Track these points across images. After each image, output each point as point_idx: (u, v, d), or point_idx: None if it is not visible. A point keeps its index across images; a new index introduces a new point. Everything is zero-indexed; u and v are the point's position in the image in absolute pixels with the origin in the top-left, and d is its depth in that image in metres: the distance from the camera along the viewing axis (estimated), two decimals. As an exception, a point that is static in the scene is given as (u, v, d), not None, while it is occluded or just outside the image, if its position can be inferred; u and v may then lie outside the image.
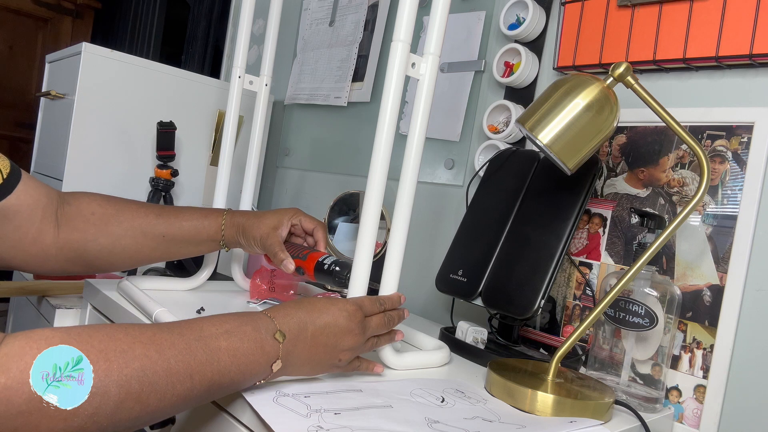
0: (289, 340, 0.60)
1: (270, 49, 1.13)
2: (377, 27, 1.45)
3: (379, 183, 0.70)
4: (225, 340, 0.56)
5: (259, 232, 0.85)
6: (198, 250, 0.89)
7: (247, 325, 0.58)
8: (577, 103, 0.74)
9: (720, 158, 0.85)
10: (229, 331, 0.57)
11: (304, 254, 0.84)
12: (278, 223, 0.86)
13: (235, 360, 0.55)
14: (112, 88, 1.36)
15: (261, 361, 0.58)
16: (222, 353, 0.55)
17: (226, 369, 0.55)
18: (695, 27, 0.87)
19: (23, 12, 2.77)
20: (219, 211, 0.89)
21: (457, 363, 0.86)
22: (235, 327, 0.57)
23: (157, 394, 0.50)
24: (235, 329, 0.57)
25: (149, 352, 0.50)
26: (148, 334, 0.52)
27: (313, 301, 0.65)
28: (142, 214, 0.84)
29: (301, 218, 0.89)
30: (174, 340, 0.53)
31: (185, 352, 0.52)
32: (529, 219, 0.92)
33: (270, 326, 0.59)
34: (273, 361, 0.59)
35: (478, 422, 0.62)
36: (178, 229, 0.85)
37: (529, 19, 1.06)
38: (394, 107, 0.69)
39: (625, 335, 0.82)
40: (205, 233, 0.86)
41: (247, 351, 0.57)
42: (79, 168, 1.33)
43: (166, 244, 0.85)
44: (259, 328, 0.59)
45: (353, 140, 1.49)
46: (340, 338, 0.64)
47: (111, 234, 0.82)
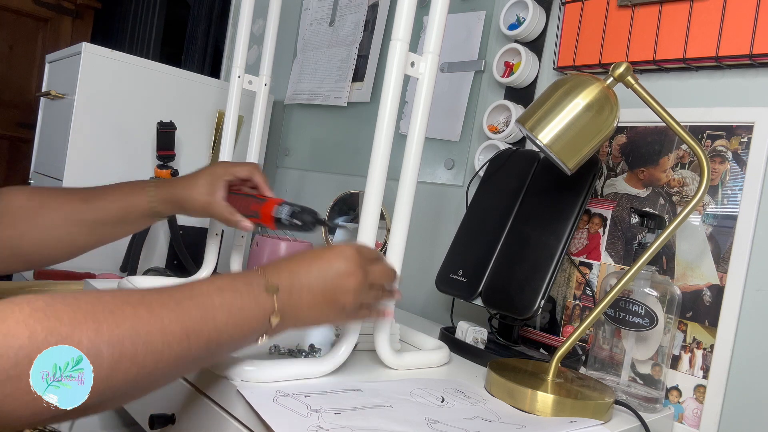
0: (284, 291, 0.58)
1: (270, 49, 1.13)
2: (377, 27, 1.45)
3: (378, 183, 0.70)
4: (218, 297, 0.54)
5: (198, 203, 0.82)
6: (134, 228, 0.87)
7: (238, 281, 0.57)
8: (577, 103, 0.74)
9: (720, 158, 0.85)
10: (221, 287, 0.55)
11: (254, 210, 0.82)
12: (212, 187, 0.83)
13: (231, 315, 0.54)
14: (112, 88, 1.36)
15: (258, 315, 0.56)
16: (217, 310, 0.53)
17: (223, 325, 0.53)
18: (695, 27, 0.87)
19: (23, 12, 2.77)
20: (142, 184, 0.85)
21: (457, 363, 0.86)
22: (226, 284, 0.56)
23: (153, 355, 0.48)
24: (226, 286, 0.55)
25: (140, 311, 0.48)
26: (136, 296, 0.50)
27: (307, 252, 0.63)
28: (68, 201, 0.81)
29: (233, 170, 0.86)
30: (164, 300, 0.51)
31: (178, 310, 0.51)
32: (529, 219, 0.92)
33: (261, 281, 0.58)
34: (270, 314, 0.57)
35: (478, 422, 0.62)
36: (106, 212, 0.82)
37: (529, 19, 1.06)
38: (393, 107, 0.69)
39: (625, 335, 0.82)
40: (135, 211, 0.83)
41: (243, 305, 0.55)
42: (79, 168, 1.33)
43: (98, 228, 0.82)
44: (251, 282, 0.57)
45: (353, 140, 1.49)
46: (340, 281, 0.61)
47: (41, 227, 0.78)
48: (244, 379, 0.62)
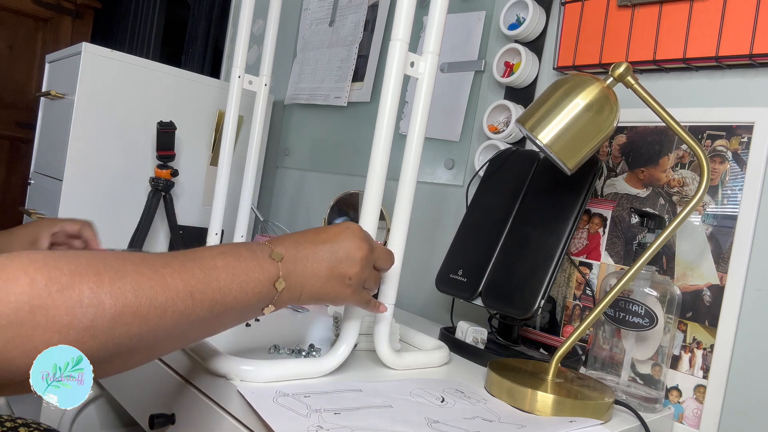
0: (288, 260, 0.58)
1: (270, 49, 1.13)
2: (377, 27, 1.45)
3: (378, 183, 0.70)
4: (221, 260, 0.54)
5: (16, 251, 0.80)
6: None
7: (241, 247, 0.57)
8: (577, 103, 0.74)
9: (720, 158, 0.85)
10: (224, 251, 0.55)
11: None
12: (36, 236, 0.80)
13: (235, 278, 0.54)
14: (112, 88, 1.36)
15: (262, 279, 0.56)
16: (220, 271, 0.53)
17: (227, 287, 0.53)
18: (695, 27, 0.87)
19: (23, 12, 2.76)
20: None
21: (457, 363, 0.86)
22: (229, 249, 0.56)
23: (156, 310, 0.47)
24: (229, 250, 0.55)
25: (141, 269, 0.48)
26: (137, 257, 0.49)
27: (312, 229, 0.64)
28: None
29: (62, 225, 0.83)
30: (167, 260, 0.51)
31: (181, 270, 0.50)
32: (529, 219, 0.92)
33: (265, 249, 0.58)
34: (275, 279, 0.57)
35: (478, 422, 0.62)
36: None
37: (529, 19, 1.06)
38: (393, 106, 0.69)
39: (625, 335, 0.82)
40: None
41: (246, 269, 0.55)
42: (79, 168, 1.33)
43: None
44: (254, 249, 0.57)
45: (353, 140, 1.49)
46: (347, 252, 0.61)
47: None
48: (244, 379, 0.62)
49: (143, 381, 0.80)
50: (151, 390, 0.78)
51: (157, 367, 0.77)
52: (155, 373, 0.77)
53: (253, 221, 1.61)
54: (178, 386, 0.72)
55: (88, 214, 1.35)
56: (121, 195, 1.39)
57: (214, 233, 1.10)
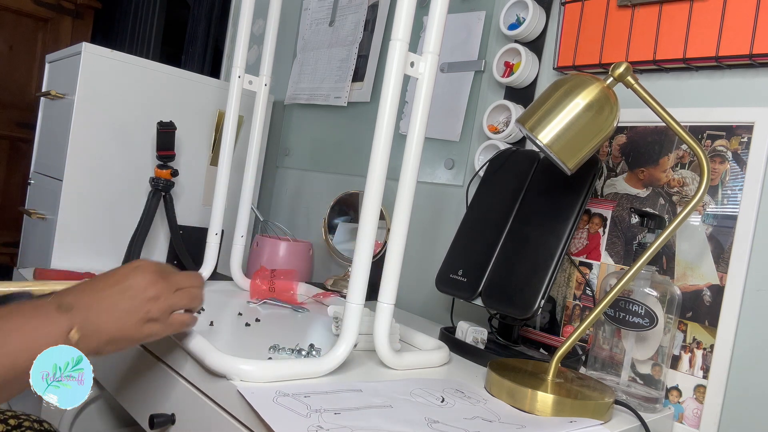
0: (79, 308, 0.57)
1: (270, 49, 1.13)
2: (377, 27, 1.45)
3: (378, 183, 0.70)
4: (7, 322, 0.53)
5: None
6: None
7: (25, 305, 0.56)
8: (577, 103, 0.74)
9: (720, 158, 0.85)
10: (11, 311, 0.54)
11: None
12: None
13: (25, 337, 0.53)
14: (112, 88, 1.36)
15: (54, 332, 0.54)
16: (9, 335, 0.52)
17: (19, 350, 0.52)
18: (695, 27, 0.87)
19: (23, 12, 2.76)
20: None
21: (457, 363, 0.86)
22: (15, 309, 0.55)
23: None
24: (15, 310, 0.55)
25: None
26: None
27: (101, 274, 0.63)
28: None
29: None
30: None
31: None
32: (529, 219, 0.92)
33: (51, 302, 0.57)
34: (68, 330, 0.55)
35: (478, 422, 0.62)
36: None
37: (529, 19, 1.06)
38: (393, 106, 0.69)
39: (625, 335, 0.82)
40: None
41: (36, 326, 0.54)
42: (79, 168, 1.33)
43: None
44: (38, 305, 0.56)
45: (353, 140, 1.49)
46: (140, 292, 0.61)
47: None
48: (244, 379, 0.62)
49: (143, 381, 0.80)
50: (151, 390, 0.78)
51: (157, 367, 0.77)
52: (155, 373, 0.77)
53: (253, 221, 1.61)
54: (178, 386, 0.72)
55: (88, 214, 1.35)
56: (121, 195, 1.39)
57: (214, 233, 1.10)
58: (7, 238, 2.61)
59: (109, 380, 0.88)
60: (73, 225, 1.33)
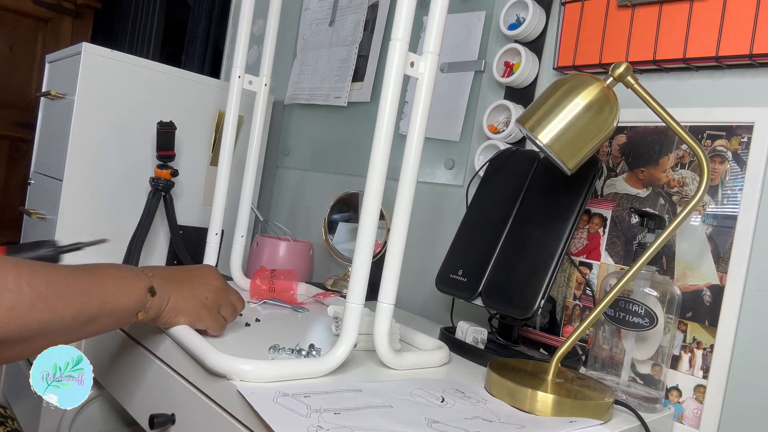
0: (156, 275, 0.70)
1: (270, 49, 1.13)
2: (377, 27, 1.45)
3: (378, 183, 0.70)
4: (107, 270, 0.65)
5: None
6: None
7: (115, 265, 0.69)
8: (577, 103, 0.74)
9: (720, 158, 0.85)
10: (110, 266, 0.67)
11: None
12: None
13: (119, 283, 0.65)
14: (112, 88, 1.36)
15: (139, 285, 0.67)
16: (107, 278, 0.64)
17: (113, 290, 0.64)
18: (695, 27, 0.87)
19: (23, 12, 2.76)
20: None
21: (457, 363, 0.86)
22: (114, 265, 0.68)
23: (62, 301, 0.56)
24: (114, 265, 0.68)
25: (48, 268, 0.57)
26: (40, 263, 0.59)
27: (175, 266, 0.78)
28: None
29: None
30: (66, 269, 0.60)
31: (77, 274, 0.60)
32: (529, 219, 0.92)
33: (139, 269, 0.70)
34: (148, 287, 0.68)
35: (478, 422, 0.62)
36: None
37: (529, 19, 1.06)
38: (393, 106, 0.69)
39: (625, 335, 0.82)
40: None
41: (127, 276, 0.67)
42: (79, 168, 1.33)
43: None
44: (132, 268, 0.70)
45: (353, 140, 1.49)
46: (203, 278, 0.76)
47: None
48: (244, 379, 0.62)
49: (143, 381, 0.80)
50: (151, 390, 0.78)
51: (157, 367, 0.77)
52: (155, 373, 0.77)
53: (253, 221, 1.61)
54: (178, 386, 0.72)
55: (88, 214, 1.35)
56: (121, 195, 1.39)
57: (214, 233, 1.10)
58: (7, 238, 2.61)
59: (109, 380, 0.88)
60: (73, 225, 1.33)
